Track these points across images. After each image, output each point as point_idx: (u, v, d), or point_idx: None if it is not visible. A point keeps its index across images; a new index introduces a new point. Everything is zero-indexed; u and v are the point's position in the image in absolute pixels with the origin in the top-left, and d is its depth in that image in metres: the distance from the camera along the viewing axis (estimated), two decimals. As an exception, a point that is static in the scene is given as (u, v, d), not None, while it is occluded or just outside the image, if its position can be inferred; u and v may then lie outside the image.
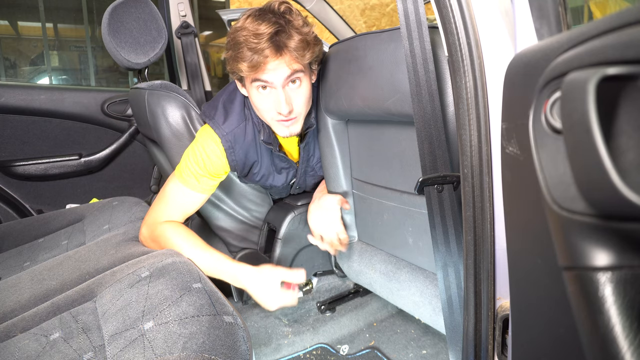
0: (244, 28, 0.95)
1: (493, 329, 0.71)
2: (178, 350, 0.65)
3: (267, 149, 1.19)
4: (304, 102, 1.05)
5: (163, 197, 1.13)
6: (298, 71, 0.99)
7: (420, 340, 1.26)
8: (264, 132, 1.14)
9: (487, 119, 0.63)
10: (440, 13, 0.66)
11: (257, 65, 0.95)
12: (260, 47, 0.93)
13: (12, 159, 1.83)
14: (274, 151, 1.17)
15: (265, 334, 1.29)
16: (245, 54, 0.94)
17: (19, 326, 0.78)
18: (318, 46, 1.02)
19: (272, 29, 0.93)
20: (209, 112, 1.15)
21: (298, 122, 1.08)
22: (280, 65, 0.96)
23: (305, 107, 1.07)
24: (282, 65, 0.96)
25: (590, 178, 0.34)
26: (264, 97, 1.02)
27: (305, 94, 1.05)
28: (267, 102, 1.02)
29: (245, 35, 0.94)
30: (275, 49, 0.94)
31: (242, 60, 0.95)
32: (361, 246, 1.27)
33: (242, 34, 0.94)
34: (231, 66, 1.00)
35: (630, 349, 0.35)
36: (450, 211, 0.78)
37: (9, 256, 1.25)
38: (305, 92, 1.05)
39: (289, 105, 1.01)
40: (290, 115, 1.03)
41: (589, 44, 0.36)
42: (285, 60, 0.96)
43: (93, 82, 5.38)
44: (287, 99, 1.01)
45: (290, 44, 0.95)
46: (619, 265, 0.36)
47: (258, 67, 0.95)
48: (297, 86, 1.02)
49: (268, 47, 0.93)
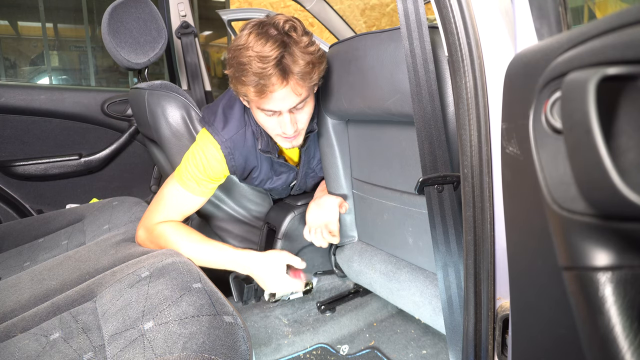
0: (247, 47, 0.90)
1: (493, 329, 0.71)
2: (178, 350, 0.65)
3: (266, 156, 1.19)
4: (308, 118, 1.06)
5: (161, 199, 1.13)
6: (305, 98, 0.99)
7: (420, 340, 1.26)
8: (262, 140, 1.13)
9: (487, 119, 0.63)
10: (440, 13, 0.66)
11: (263, 91, 0.92)
12: (267, 73, 0.89)
13: (12, 159, 1.83)
14: (273, 158, 1.17)
15: (265, 334, 1.29)
16: (251, 78, 0.90)
17: (19, 326, 0.78)
18: (323, 64, 0.99)
19: (277, 52, 0.89)
20: (209, 117, 1.14)
21: (301, 135, 1.08)
22: (287, 94, 0.94)
23: (309, 121, 1.07)
24: (288, 93, 0.94)
25: (590, 178, 0.34)
26: (269, 117, 1.01)
27: (310, 112, 1.05)
28: (272, 122, 1.02)
29: (250, 56, 0.89)
30: (282, 75, 0.91)
31: (247, 84, 0.92)
32: (361, 246, 1.27)
33: (246, 54, 0.90)
34: (235, 86, 0.97)
35: (630, 349, 0.35)
36: (450, 211, 0.78)
37: (9, 256, 1.25)
38: (310, 110, 1.05)
39: (294, 126, 1.01)
40: (295, 133, 1.04)
41: (589, 44, 0.36)
42: (291, 85, 0.93)
43: (93, 82, 5.38)
44: (293, 120, 1.01)
45: (295, 69, 0.91)
46: (619, 265, 0.36)
47: (264, 93, 0.92)
48: (301, 107, 1.01)
49: (274, 74, 0.90)
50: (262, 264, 1.05)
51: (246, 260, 1.06)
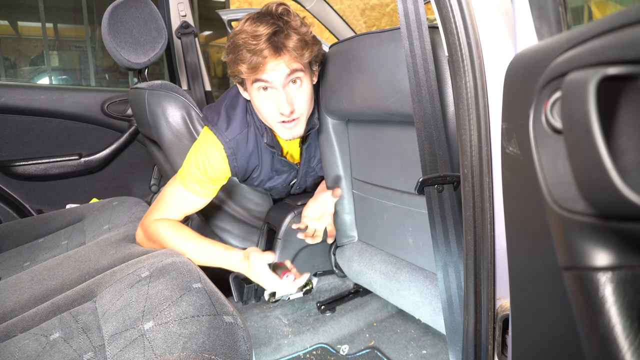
0: (242, 31, 0.96)
1: (493, 329, 0.71)
2: (178, 350, 0.65)
3: (268, 152, 1.19)
4: (306, 102, 1.05)
5: (163, 200, 1.13)
6: (297, 70, 1.00)
7: (420, 340, 1.26)
8: (267, 135, 1.14)
9: (487, 119, 0.63)
10: (440, 13, 0.66)
11: (257, 67, 0.96)
12: (259, 48, 0.94)
13: (12, 159, 1.83)
14: (276, 155, 1.17)
15: (265, 334, 1.29)
16: (245, 55, 0.95)
17: (19, 326, 0.78)
18: (317, 46, 1.03)
19: (270, 30, 0.94)
20: (212, 117, 1.14)
21: (300, 123, 1.08)
22: (279, 65, 0.97)
23: (307, 107, 1.07)
24: (281, 65, 0.97)
25: (590, 178, 0.34)
26: (265, 98, 1.02)
27: (307, 94, 1.05)
28: (269, 103, 1.02)
29: (244, 37, 0.95)
30: (274, 49, 0.95)
31: (241, 62, 0.96)
32: (361, 246, 1.27)
33: (241, 37, 0.96)
34: (232, 69, 1.01)
35: (630, 349, 0.35)
36: (451, 211, 0.78)
37: (9, 256, 1.25)
38: (307, 93, 1.05)
39: (290, 105, 1.02)
40: (292, 116, 1.04)
41: (589, 44, 0.36)
42: (284, 60, 0.97)
43: (93, 82, 5.38)
44: (288, 98, 1.01)
45: (288, 44, 0.96)
46: (619, 265, 0.36)
47: (257, 68, 0.96)
48: (297, 86, 1.02)
49: (267, 48, 0.94)
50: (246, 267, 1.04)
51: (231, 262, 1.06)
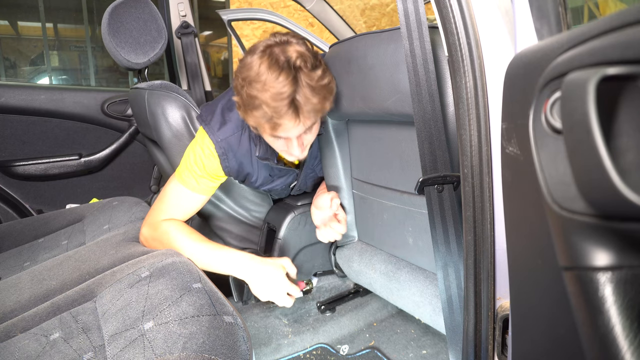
0: (258, 80, 0.87)
1: (493, 329, 0.71)
2: (178, 350, 0.65)
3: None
4: (314, 137, 1.05)
5: (164, 198, 1.13)
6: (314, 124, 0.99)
7: (420, 340, 1.26)
8: (261, 148, 1.12)
9: (487, 119, 0.63)
10: (440, 13, 0.66)
11: (276, 127, 0.92)
12: (280, 112, 0.88)
13: (12, 159, 1.83)
14: (272, 165, 1.17)
15: (265, 334, 1.29)
16: (263, 113, 0.89)
17: (19, 326, 0.78)
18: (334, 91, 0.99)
19: (290, 89, 0.87)
20: (206, 116, 1.13)
21: (307, 149, 1.07)
22: (299, 126, 0.95)
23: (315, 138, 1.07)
24: (299, 125, 0.95)
25: (590, 178, 0.34)
26: (278, 140, 1.01)
27: (317, 131, 1.05)
28: (280, 143, 1.02)
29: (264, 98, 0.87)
30: (295, 113, 0.90)
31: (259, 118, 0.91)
32: (361, 246, 1.27)
33: (257, 87, 0.87)
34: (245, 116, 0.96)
35: (630, 349, 0.35)
36: (450, 211, 0.78)
37: (9, 256, 1.25)
38: (317, 130, 1.04)
39: (302, 147, 1.01)
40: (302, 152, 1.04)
41: (589, 44, 0.36)
42: (302, 121, 0.93)
43: (93, 82, 5.38)
44: (300, 142, 1.00)
45: (307, 107, 0.91)
46: (619, 265, 0.36)
47: (276, 127, 0.92)
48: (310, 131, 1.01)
49: (287, 113, 0.89)
50: (262, 270, 1.04)
51: (246, 265, 1.04)
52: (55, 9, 5.09)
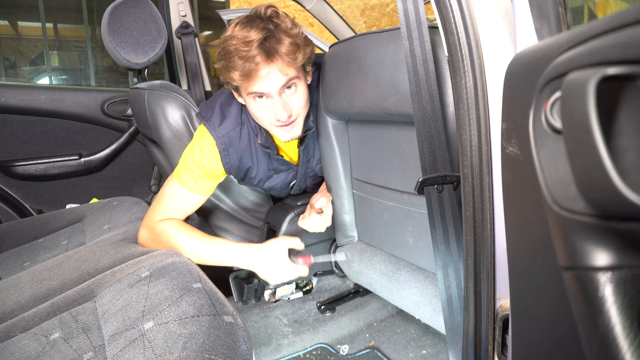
0: (233, 37, 0.94)
1: (493, 329, 0.71)
2: (178, 350, 0.65)
3: (264, 153, 1.19)
4: (302, 104, 1.05)
5: (162, 198, 1.13)
6: (293, 78, 0.99)
7: (420, 340, 1.26)
8: (261, 136, 1.13)
9: (487, 119, 0.63)
10: (440, 13, 0.66)
11: (249, 74, 0.94)
12: (251, 54, 0.92)
13: (12, 159, 1.83)
14: (272, 155, 1.17)
15: (265, 334, 1.29)
16: (237, 62, 0.93)
17: (19, 326, 0.78)
18: (309, 47, 1.01)
19: (261, 35, 0.92)
20: (206, 113, 1.14)
21: (298, 124, 1.07)
22: (273, 72, 0.95)
23: (303, 108, 1.07)
24: (274, 72, 0.95)
25: (590, 178, 0.34)
26: (261, 105, 1.01)
27: (303, 97, 1.04)
28: (265, 110, 1.02)
29: (235, 43, 0.93)
30: (266, 55, 0.93)
31: (233, 69, 0.94)
32: (361, 246, 1.27)
33: (231, 43, 0.93)
34: (224, 76, 0.99)
35: (630, 349, 0.35)
36: (450, 211, 0.78)
37: (9, 256, 1.25)
38: (302, 95, 1.04)
39: (287, 111, 1.01)
40: (290, 119, 1.03)
41: (589, 44, 0.36)
42: (277, 66, 0.95)
43: (93, 82, 5.38)
44: (285, 105, 1.00)
45: (280, 49, 0.94)
46: (619, 265, 0.36)
47: (250, 75, 0.94)
48: (293, 91, 1.01)
49: (259, 54, 0.92)
50: (264, 255, 1.05)
51: (247, 253, 1.05)
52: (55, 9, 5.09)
